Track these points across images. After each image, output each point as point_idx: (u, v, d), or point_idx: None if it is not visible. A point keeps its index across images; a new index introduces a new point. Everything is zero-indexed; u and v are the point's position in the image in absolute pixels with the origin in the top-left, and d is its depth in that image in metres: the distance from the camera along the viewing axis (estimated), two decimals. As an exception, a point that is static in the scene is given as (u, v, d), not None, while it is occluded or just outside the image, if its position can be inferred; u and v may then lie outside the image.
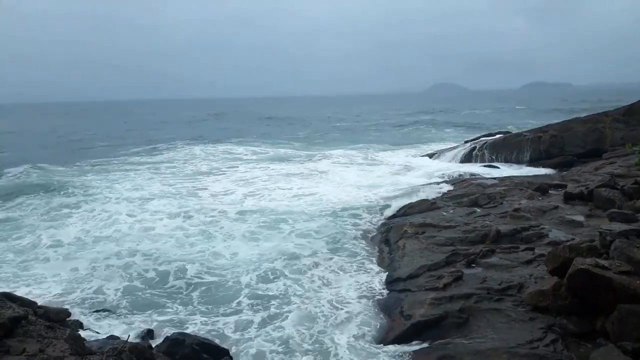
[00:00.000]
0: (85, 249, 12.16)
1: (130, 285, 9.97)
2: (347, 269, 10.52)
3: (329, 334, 7.73)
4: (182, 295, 9.58)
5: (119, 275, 10.35)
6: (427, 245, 10.65)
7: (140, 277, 10.30)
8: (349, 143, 38.23)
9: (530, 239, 10.21)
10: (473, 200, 13.67)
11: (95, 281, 10.09)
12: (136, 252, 11.59)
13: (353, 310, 8.55)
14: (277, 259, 11.01)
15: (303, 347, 7.44)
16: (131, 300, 9.33)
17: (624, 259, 6.54)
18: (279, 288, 9.63)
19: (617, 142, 21.61)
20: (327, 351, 7.29)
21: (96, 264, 10.94)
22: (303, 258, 11.07)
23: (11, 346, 5.53)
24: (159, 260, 11.08)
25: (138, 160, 29.51)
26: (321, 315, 8.38)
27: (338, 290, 9.44)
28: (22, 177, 22.58)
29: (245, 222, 14.05)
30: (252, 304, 8.99)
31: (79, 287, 9.88)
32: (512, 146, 24.31)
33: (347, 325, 8.05)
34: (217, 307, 8.96)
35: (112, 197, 17.66)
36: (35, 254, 11.89)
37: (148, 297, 9.52)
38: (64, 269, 10.78)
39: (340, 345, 7.41)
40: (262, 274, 10.24)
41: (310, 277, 10.09)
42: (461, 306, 7.75)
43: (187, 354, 6.65)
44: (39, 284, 10.01)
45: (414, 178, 20.37)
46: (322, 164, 25.69)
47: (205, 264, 10.87)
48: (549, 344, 6.43)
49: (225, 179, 21.94)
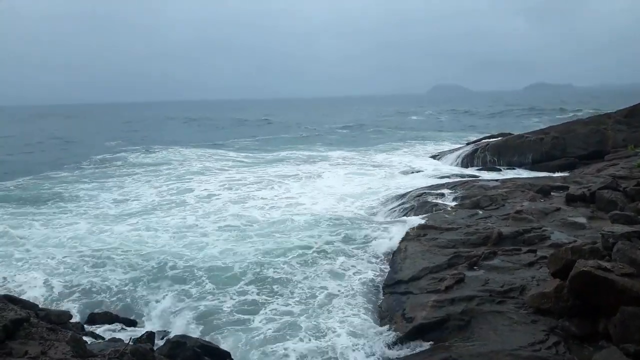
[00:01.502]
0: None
1: (129, 287, 10.01)
2: (348, 271, 10.51)
3: (329, 341, 7.71)
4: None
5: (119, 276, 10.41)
6: (429, 247, 10.63)
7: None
8: (347, 145, 38.31)
9: (532, 241, 10.18)
10: (475, 202, 13.65)
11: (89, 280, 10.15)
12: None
13: (353, 312, 8.54)
14: (279, 256, 11.02)
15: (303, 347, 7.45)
16: (130, 303, 9.36)
17: (626, 261, 6.52)
18: (280, 288, 9.66)
19: (619, 143, 21.58)
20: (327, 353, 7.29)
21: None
22: (307, 254, 11.15)
23: (13, 348, 5.53)
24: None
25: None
26: (319, 321, 8.34)
27: (338, 291, 9.44)
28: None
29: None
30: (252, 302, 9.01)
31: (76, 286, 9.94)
32: (514, 148, 24.30)
33: (347, 327, 8.04)
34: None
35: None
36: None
37: (148, 297, 9.55)
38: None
39: (341, 347, 7.40)
40: (263, 275, 10.25)
41: (310, 276, 10.10)
42: (463, 309, 7.73)
43: (188, 357, 6.65)
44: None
45: (414, 180, 20.37)
46: (320, 167, 25.71)
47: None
48: (551, 346, 6.41)
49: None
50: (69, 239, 13.21)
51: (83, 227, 14.43)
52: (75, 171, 26.61)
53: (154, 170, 26.02)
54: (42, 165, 29.03)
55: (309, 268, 10.57)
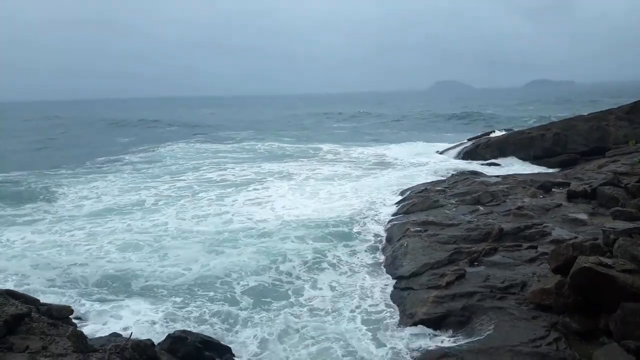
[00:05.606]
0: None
1: (131, 283, 10.00)
2: (348, 268, 10.53)
3: (330, 338, 7.70)
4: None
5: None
6: (430, 243, 10.64)
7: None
8: (346, 140, 38.24)
9: (533, 237, 10.17)
10: (476, 198, 13.64)
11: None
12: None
13: (354, 310, 8.56)
14: (278, 256, 11.04)
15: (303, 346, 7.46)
16: (133, 298, 9.36)
17: (627, 257, 6.52)
18: (280, 288, 9.69)
19: (620, 140, 21.56)
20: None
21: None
22: (307, 252, 11.13)
23: (14, 343, 5.54)
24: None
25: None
26: (319, 319, 8.35)
27: (338, 291, 9.46)
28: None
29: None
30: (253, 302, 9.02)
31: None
32: (515, 144, 24.27)
33: (349, 321, 8.06)
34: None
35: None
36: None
37: (147, 294, 9.54)
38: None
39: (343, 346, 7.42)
40: (261, 277, 10.26)
41: (310, 277, 10.11)
42: (464, 304, 7.74)
43: (189, 352, 6.66)
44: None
45: (416, 176, 20.34)
46: (320, 162, 25.70)
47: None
48: (551, 342, 6.41)
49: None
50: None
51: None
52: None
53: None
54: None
55: (308, 268, 10.52)
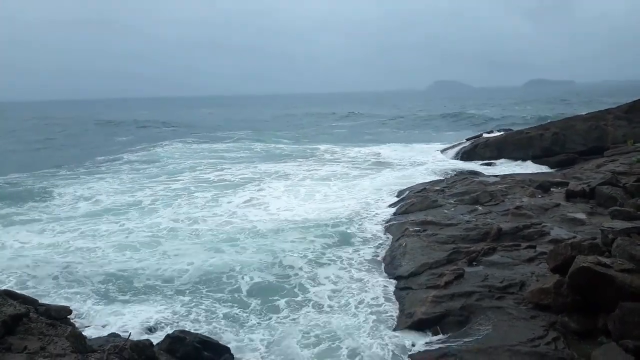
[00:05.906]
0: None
1: (130, 283, 9.99)
2: (347, 268, 10.51)
3: (330, 337, 7.69)
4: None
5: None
6: (429, 243, 10.64)
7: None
8: (344, 140, 38.29)
9: (531, 237, 10.18)
10: (474, 198, 13.65)
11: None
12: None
13: (354, 309, 8.55)
14: (277, 257, 11.03)
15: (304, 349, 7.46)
16: (132, 298, 9.35)
17: (626, 257, 6.52)
18: (280, 286, 9.68)
19: (619, 139, 21.57)
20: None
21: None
22: (307, 250, 11.14)
23: (12, 344, 5.54)
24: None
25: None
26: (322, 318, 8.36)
27: (337, 291, 9.45)
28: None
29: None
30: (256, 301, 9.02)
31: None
32: (514, 144, 24.28)
33: (350, 320, 8.05)
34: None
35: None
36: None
37: (146, 294, 9.54)
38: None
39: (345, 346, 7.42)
40: (262, 276, 10.25)
41: (310, 277, 10.09)
42: (462, 304, 7.74)
43: (188, 352, 6.66)
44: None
45: (414, 175, 20.34)
46: (318, 162, 25.64)
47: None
48: (550, 342, 6.42)
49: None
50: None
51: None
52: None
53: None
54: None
55: (308, 268, 10.52)
